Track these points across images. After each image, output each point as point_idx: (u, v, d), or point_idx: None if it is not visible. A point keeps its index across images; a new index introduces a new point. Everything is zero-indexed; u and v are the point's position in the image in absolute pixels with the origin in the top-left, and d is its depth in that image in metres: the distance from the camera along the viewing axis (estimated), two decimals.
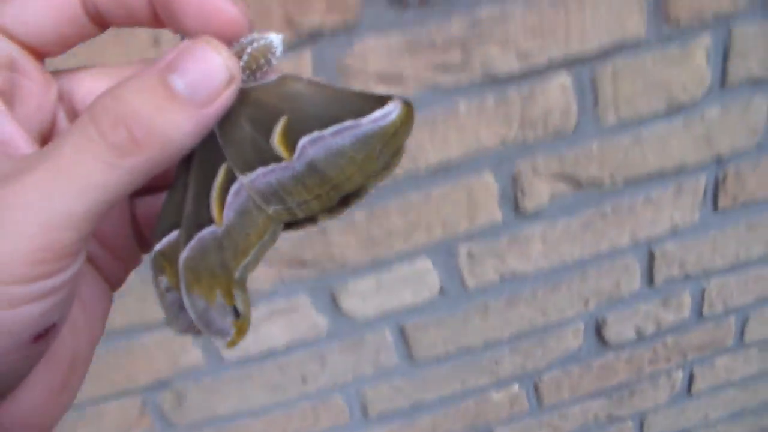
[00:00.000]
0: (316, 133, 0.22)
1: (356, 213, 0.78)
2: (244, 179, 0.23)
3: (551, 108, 0.76)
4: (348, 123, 0.22)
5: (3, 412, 0.21)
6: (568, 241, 0.87)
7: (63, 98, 0.24)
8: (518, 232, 0.84)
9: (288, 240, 0.77)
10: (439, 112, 0.73)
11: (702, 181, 0.87)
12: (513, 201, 0.81)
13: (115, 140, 0.19)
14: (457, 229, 0.82)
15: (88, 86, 0.23)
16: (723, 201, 0.90)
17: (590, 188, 0.83)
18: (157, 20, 0.22)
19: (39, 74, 0.22)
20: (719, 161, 0.86)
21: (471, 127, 0.74)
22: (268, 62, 0.22)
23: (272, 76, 0.23)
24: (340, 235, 0.79)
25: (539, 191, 0.81)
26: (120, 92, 0.19)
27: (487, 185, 0.79)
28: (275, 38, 0.22)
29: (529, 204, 0.82)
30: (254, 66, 0.22)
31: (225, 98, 0.21)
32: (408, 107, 0.22)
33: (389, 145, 0.22)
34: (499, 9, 0.68)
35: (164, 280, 0.25)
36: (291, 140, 0.22)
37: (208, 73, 0.20)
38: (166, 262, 0.24)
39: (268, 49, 0.22)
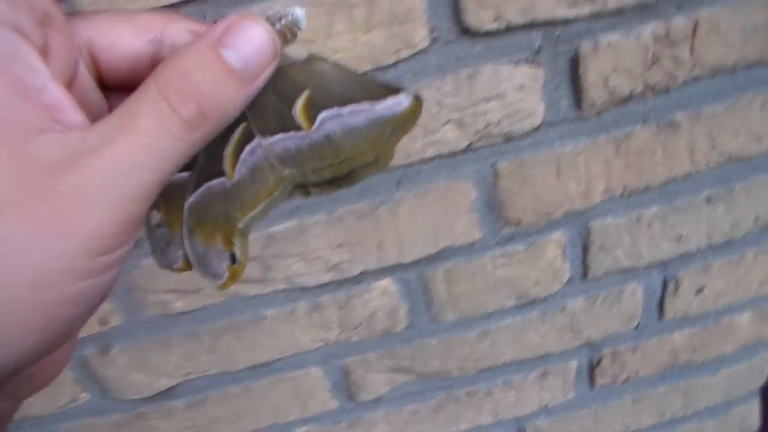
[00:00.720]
0: (335, 110, 0.24)
1: (174, 401, 0.73)
2: (263, 141, 0.25)
3: (375, 311, 0.68)
4: (365, 105, 0.24)
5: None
6: (418, 423, 0.80)
7: (81, 47, 0.23)
8: (359, 417, 0.78)
9: None
10: (245, 318, 0.66)
11: (573, 365, 0.79)
12: (347, 391, 0.75)
13: (188, 116, 0.20)
14: (287, 416, 0.76)
15: (109, 36, 0.23)
16: (601, 380, 0.81)
17: (435, 378, 0.76)
18: None
19: (64, 26, 0.22)
20: (591, 346, 0.77)
21: (283, 332, 0.68)
22: (294, 35, 0.24)
23: (302, 53, 0.25)
24: (159, 419, 0.74)
25: (375, 383, 0.75)
26: (184, 67, 0.20)
27: (315, 379, 0.73)
28: (300, 13, 0.23)
29: (365, 395, 0.75)
30: (283, 40, 0.23)
31: (269, 71, 0.22)
32: (418, 100, 0.24)
33: (398, 130, 0.25)
34: (297, 223, 0.61)
35: (157, 216, 0.26)
36: (311, 113, 0.24)
37: (259, 48, 0.21)
38: (162, 199, 0.26)
39: (295, 24, 0.23)
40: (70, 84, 0.23)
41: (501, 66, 0.54)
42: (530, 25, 0.53)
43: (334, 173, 0.26)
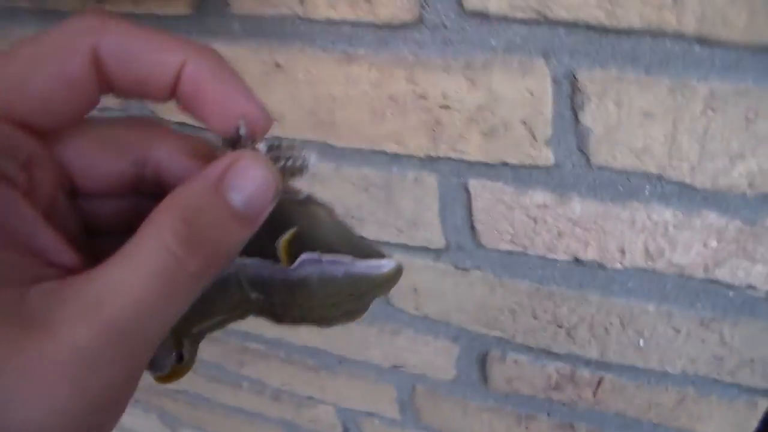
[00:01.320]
0: (316, 255, 0.24)
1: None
2: (237, 259, 0.24)
3: None
4: (346, 258, 0.24)
5: None
6: None
7: (59, 171, 0.22)
8: None
9: None
10: None
11: None
12: None
13: (196, 268, 0.19)
14: None
15: (87, 158, 0.23)
16: None
17: None
18: (170, 99, 0.23)
19: (47, 160, 0.21)
20: None
21: None
22: (299, 175, 0.24)
23: (302, 192, 0.25)
24: None
25: None
26: (191, 215, 0.20)
27: None
28: (313, 159, 0.24)
29: None
30: (286, 178, 0.23)
31: (269, 209, 0.22)
32: (399, 269, 0.25)
33: (372, 292, 0.25)
34: None
35: None
36: (294, 250, 0.24)
37: (261, 190, 0.21)
38: None
39: (304, 167, 0.23)
40: (50, 212, 0.22)
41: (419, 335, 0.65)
42: (448, 324, 0.62)
43: (301, 315, 0.26)
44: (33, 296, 0.18)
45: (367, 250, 0.25)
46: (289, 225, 0.24)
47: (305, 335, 0.74)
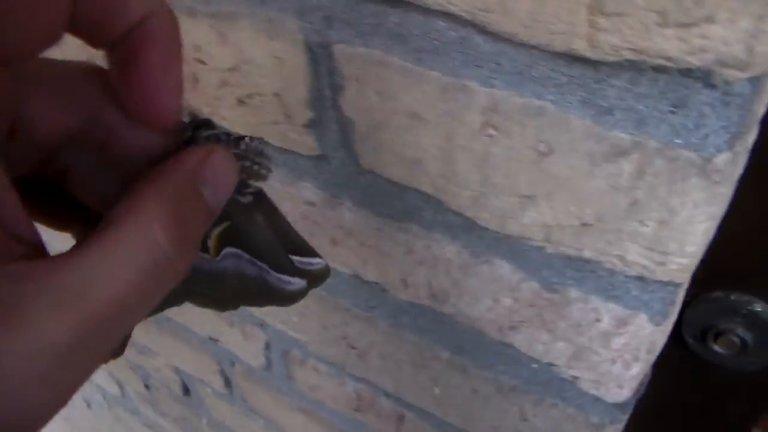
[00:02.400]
0: (239, 251, 0.25)
1: None
2: None
3: None
4: (264, 266, 0.25)
5: None
6: None
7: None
8: None
9: None
10: None
11: None
12: None
13: (183, 267, 0.19)
14: None
15: (39, 106, 0.20)
16: None
17: None
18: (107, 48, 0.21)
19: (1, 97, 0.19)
20: None
21: None
22: (262, 181, 0.24)
23: (251, 193, 0.25)
24: None
25: None
26: (178, 213, 0.19)
27: None
28: (268, 169, 0.24)
29: None
30: (245, 176, 0.24)
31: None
32: (304, 293, 0.26)
33: (277, 302, 0.26)
34: None
35: None
36: (222, 243, 0.25)
37: (227, 187, 0.21)
38: None
39: (266, 176, 0.24)
40: None
41: None
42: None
43: (212, 301, 0.26)
44: (1, 280, 0.16)
45: (286, 263, 0.25)
46: (225, 218, 0.24)
47: None
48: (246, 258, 0.25)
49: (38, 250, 0.18)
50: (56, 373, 0.16)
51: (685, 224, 0.28)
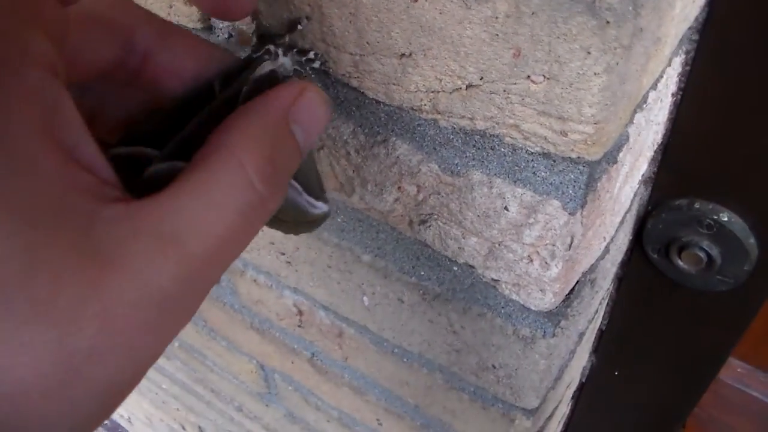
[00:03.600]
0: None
1: None
2: None
3: None
4: (299, 187, 0.25)
5: None
6: None
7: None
8: None
9: None
10: None
11: None
12: None
13: (274, 207, 0.19)
14: None
15: (74, 38, 0.19)
16: None
17: None
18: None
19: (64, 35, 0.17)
20: None
21: None
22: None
23: None
24: None
25: None
26: (273, 154, 0.19)
27: None
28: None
29: None
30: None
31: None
32: (326, 215, 0.27)
33: (301, 225, 0.27)
34: None
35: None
36: None
37: (318, 125, 0.21)
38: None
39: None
40: None
41: None
42: None
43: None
44: (100, 224, 0.15)
45: (315, 187, 0.26)
46: None
47: None
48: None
49: (126, 194, 0.17)
50: (162, 320, 0.16)
51: (577, 79, 0.23)
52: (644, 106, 0.30)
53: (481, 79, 0.25)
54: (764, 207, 0.36)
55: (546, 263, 0.30)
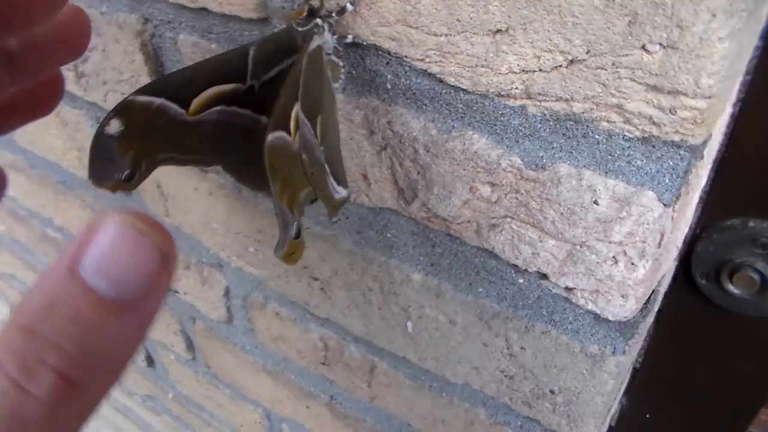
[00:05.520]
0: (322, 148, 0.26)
1: None
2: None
3: None
4: (327, 168, 0.26)
5: None
6: None
7: None
8: None
9: None
10: None
11: None
12: None
13: (40, 393, 0.13)
14: None
15: None
16: None
17: None
18: None
19: None
20: None
21: None
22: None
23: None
24: None
25: None
26: (33, 318, 0.13)
27: None
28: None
29: None
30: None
31: (165, 285, 0.14)
32: (346, 199, 0.28)
33: (326, 198, 0.27)
34: None
35: (116, 126, 0.23)
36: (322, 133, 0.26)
37: (135, 267, 0.14)
38: (131, 118, 0.23)
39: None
40: None
41: None
42: (200, 243, 0.47)
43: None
44: None
45: (340, 171, 0.27)
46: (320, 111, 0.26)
47: None
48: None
49: None
50: None
51: (699, 44, 0.22)
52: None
53: (588, 52, 0.24)
54: None
55: (632, 264, 0.29)
